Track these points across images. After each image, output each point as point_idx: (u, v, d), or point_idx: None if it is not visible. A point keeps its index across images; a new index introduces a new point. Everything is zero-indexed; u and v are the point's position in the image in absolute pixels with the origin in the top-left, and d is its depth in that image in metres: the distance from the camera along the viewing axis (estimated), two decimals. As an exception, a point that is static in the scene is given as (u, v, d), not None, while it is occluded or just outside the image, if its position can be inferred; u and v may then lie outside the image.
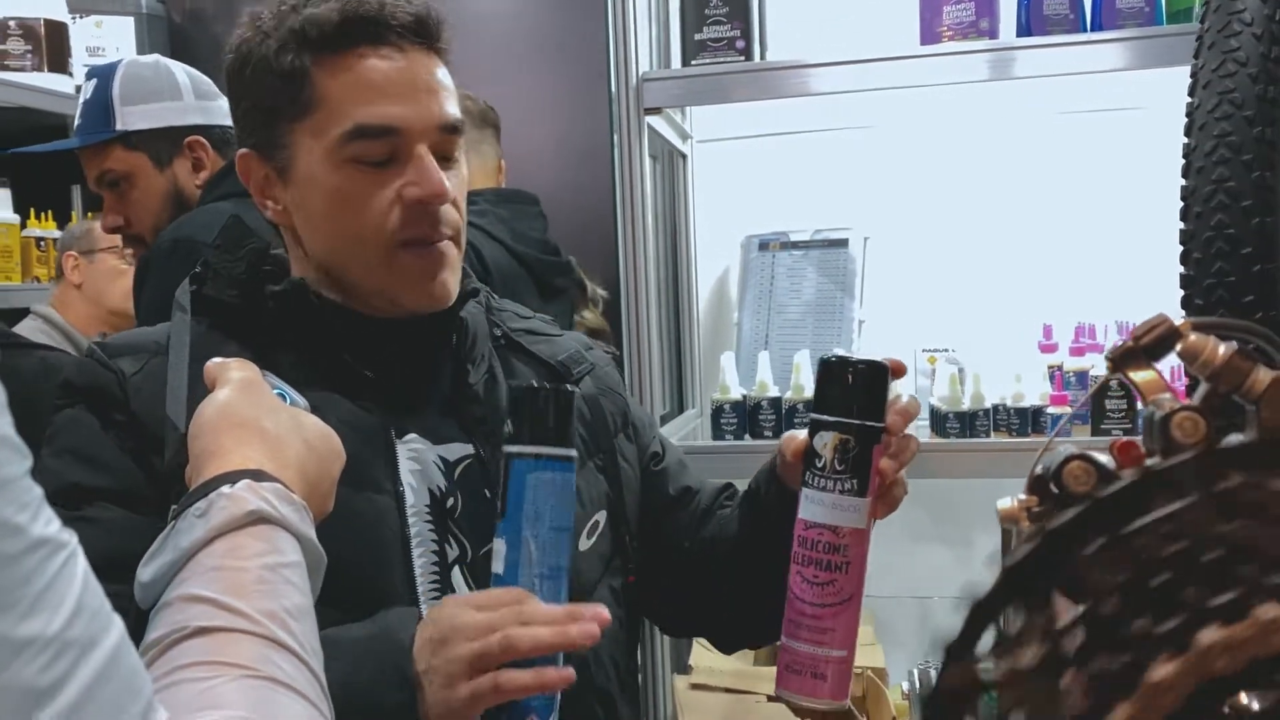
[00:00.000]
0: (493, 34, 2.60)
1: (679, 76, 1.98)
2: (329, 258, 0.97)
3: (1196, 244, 0.95)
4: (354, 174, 0.93)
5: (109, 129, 1.69)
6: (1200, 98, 0.97)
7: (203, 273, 0.99)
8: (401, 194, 0.93)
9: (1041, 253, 2.27)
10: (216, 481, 0.65)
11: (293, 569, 0.63)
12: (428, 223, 0.94)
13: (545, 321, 1.16)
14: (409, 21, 0.94)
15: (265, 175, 0.99)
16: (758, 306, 2.37)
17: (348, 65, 0.93)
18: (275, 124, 0.96)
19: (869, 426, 0.86)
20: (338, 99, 0.93)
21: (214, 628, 0.57)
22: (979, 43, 1.89)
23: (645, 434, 1.16)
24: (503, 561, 0.83)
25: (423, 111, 0.94)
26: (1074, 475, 0.49)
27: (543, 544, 0.83)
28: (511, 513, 0.83)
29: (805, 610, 0.88)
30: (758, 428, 2.01)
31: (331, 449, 0.77)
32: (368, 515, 0.92)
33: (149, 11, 2.76)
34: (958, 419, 1.93)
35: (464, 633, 0.78)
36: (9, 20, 2.44)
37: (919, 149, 2.34)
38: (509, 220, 1.87)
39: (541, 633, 0.77)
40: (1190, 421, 0.48)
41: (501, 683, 0.77)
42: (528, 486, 0.83)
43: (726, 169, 2.47)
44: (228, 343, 0.95)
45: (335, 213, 0.95)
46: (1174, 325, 0.52)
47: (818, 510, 0.87)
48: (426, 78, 0.95)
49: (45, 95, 2.40)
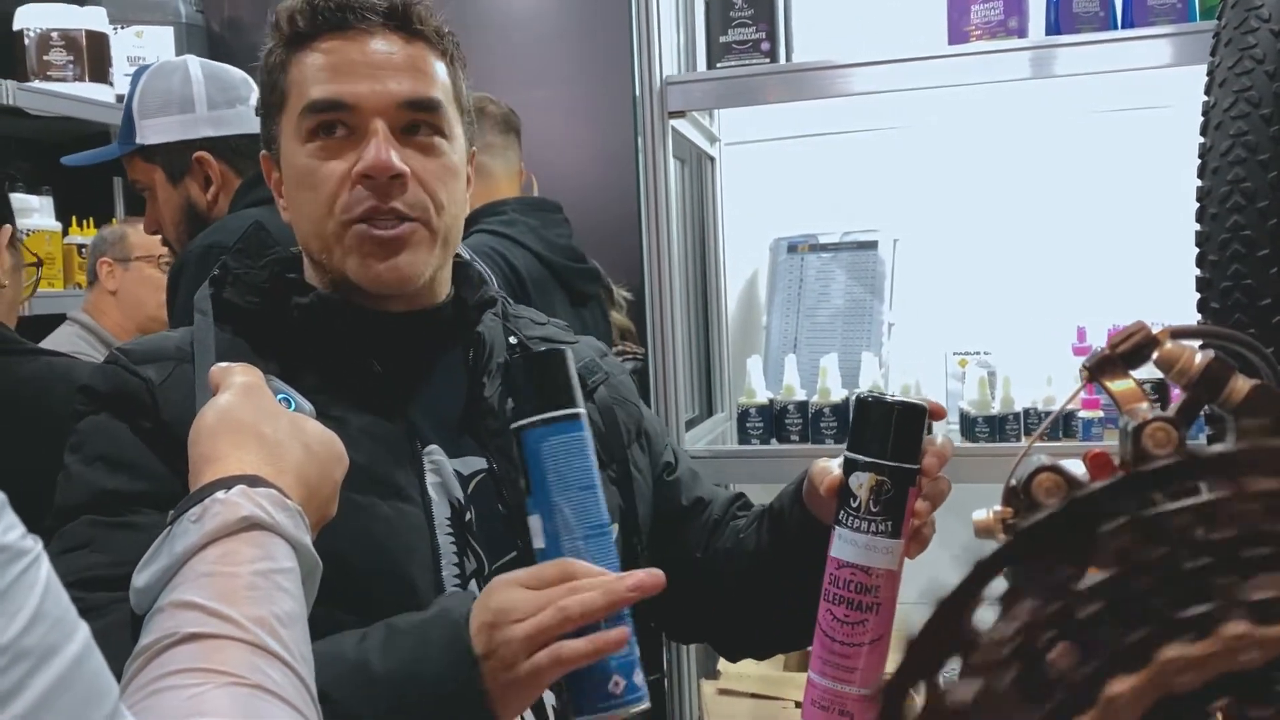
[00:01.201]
0: (518, 39, 2.62)
1: (702, 79, 1.97)
2: (305, 243, 0.99)
3: (1212, 246, 0.93)
4: (313, 151, 0.95)
5: (131, 141, 1.72)
6: (1216, 96, 0.95)
7: (221, 276, 0.99)
8: (353, 170, 0.94)
9: (1074, 253, 2.23)
10: (212, 487, 0.65)
11: (285, 575, 0.63)
12: (376, 197, 0.94)
13: (560, 328, 1.16)
14: (378, 4, 0.96)
15: (275, 175, 1.02)
16: (786, 309, 2.35)
17: (310, 51, 0.96)
18: (269, 120, 1.00)
19: (905, 469, 0.85)
20: (299, 82, 0.96)
21: (203, 634, 0.57)
22: (1008, 42, 1.86)
23: (658, 443, 1.16)
24: (542, 535, 0.83)
25: (378, 87, 0.94)
26: (1043, 487, 0.48)
27: (576, 506, 0.83)
28: (537, 485, 0.83)
29: (834, 648, 0.87)
30: (784, 432, 2.00)
31: (333, 454, 0.76)
32: (398, 524, 0.92)
33: (188, 21, 2.82)
34: (987, 423, 1.91)
35: (514, 612, 0.78)
36: (52, 31, 2.50)
37: (947, 149, 2.31)
38: (538, 229, 1.88)
39: (591, 596, 0.77)
40: (1162, 432, 0.47)
41: (562, 655, 0.76)
42: (545, 455, 0.83)
43: (755, 171, 2.45)
44: (253, 355, 0.95)
45: (299, 192, 0.97)
46: (1151, 333, 0.50)
47: (851, 550, 0.86)
48: (389, 55, 0.95)
49: (87, 105, 2.46)
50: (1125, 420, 0.49)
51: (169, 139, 1.70)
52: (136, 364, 0.94)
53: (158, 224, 1.77)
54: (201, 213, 1.71)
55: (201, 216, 1.71)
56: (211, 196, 1.71)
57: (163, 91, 1.72)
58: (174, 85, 1.72)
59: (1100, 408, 1.85)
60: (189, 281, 1.55)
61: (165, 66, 1.78)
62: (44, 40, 2.49)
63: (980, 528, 0.52)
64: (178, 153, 1.71)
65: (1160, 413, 0.47)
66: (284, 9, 0.98)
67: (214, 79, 1.75)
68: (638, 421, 1.13)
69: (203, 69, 1.75)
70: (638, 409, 1.15)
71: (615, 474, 1.07)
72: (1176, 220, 1.19)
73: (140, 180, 1.76)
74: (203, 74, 1.74)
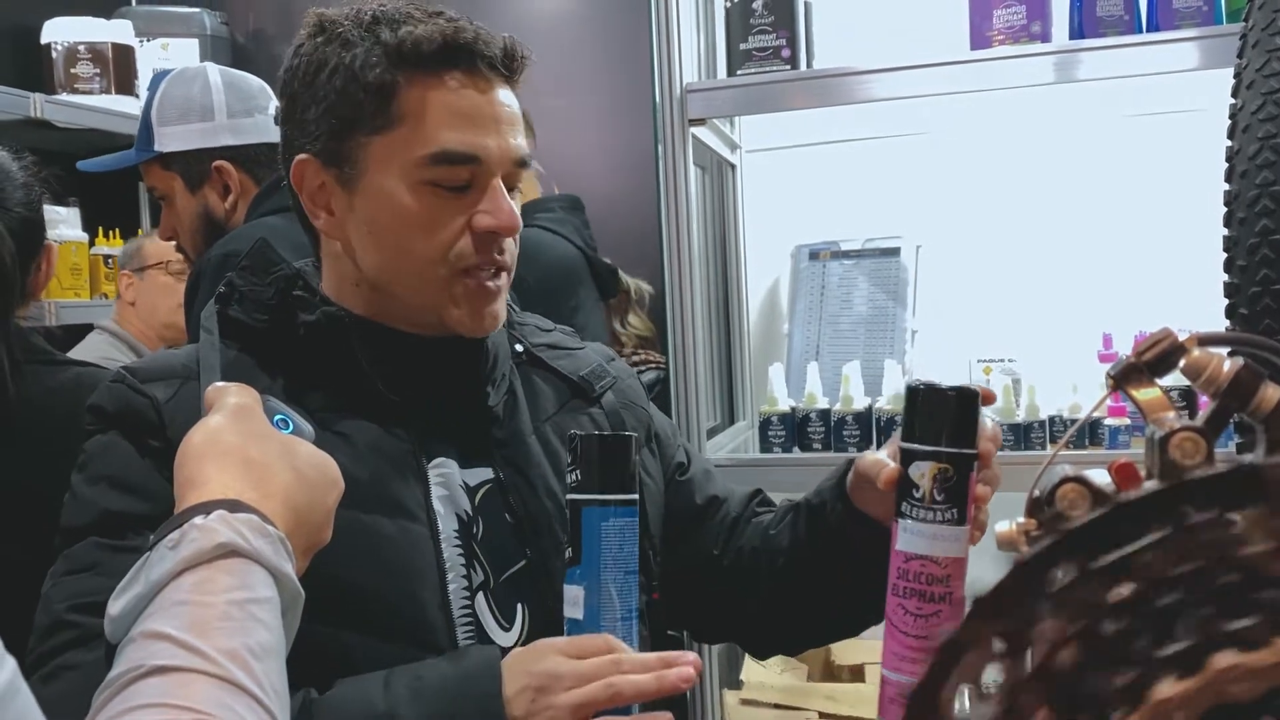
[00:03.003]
0: (538, 47, 2.61)
1: (723, 87, 1.97)
2: (381, 273, 0.97)
3: (1240, 251, 0.91)
4: (430, 196, 0.93)
5: (149, 148, 1.72)
6: (1243, 99, 0.94)
7: (228, 293, 0.99)
8: (472, 222, 0.94)
9: (1100, 259, 2.20)
10: (191, 512, 0.64)
11: (262, 605, 0.61)
12: (495, 251, 0.95)
13: (566, 334, 1.16)
14: (498, 54, 0.95)
15: (322, 184, 0.97)
16: (808, 317, 2.34)
17: (440, 87, 0.93)
18: (349, 134, 0.94)
19: (965, 454, 0.85)
20: (426, 120, 0.92)
21: (171, 667, 0.55)
22: (1031, 46, 1.84)
23: (669, 445, 1.15)
24: (582, 608, 0.86)
25: (503, 143, 0.94)
26: (1067, 499, 0.47)
27: (620, 588, 0.86)
28: (589, 560, 0.86)
29: (909, 643, 0.86)
30: (806, 440, 1.98)
31: (326, 478, 0.75)
32: (402, 544, 0.92)
33: (213, 33, 2.84)
34: (1012, 431, 1.88)
35: (564, 681, 0.80)
36: (79, 45, 2.52)
37: (970, 155, 2.29)
38: (579, 228, 1.95)
39: (644, 680, 0.79)
40: (1190, 442, 0.46)
41: None
42: (603, 534, 0.86)
43: (776, 178, 2.45)
44: (258, 371, 0.95)
45: (403, 230, 0.94)
46: (1178, 340, 0.49)
47: (919, 542, 0.85)
48: (508, 110, 0.96)
49: (113, 117, 2.48)
50: (1152, 430, 0.48)
51: (188, 147, 1.70)
52: (143, 382, 0.93)
53: (173, 231, 1.77)
54: (219, 221, 1.71)
55: (219, 225, 1.70)
56: (230, 205, 1.70)
57: (182, 99, 1.71)
58: (194, 93, 1.71)
59: (1127, 415, 1.83)
60: (207, 290, 1.56)
61: (185, 74, 1.77)
62: (71, 53, 2.51)
63: (1003, 539, 0.51)
64: (197, 161, 1.70)
65: (1188, 422, 0.46)
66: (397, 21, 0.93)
67: (233, 87, 1.74)
68: (646, 425, 1.13)
69: (222, 77, 1.74)
70: (646, 412, 1.15)
71: None
72: (1203, 225, 1.18)
73: (158, 187, 1.75)
74: (222, 82, 1.73)
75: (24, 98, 2.23)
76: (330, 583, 0.82)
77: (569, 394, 1.08)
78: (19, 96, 2.23)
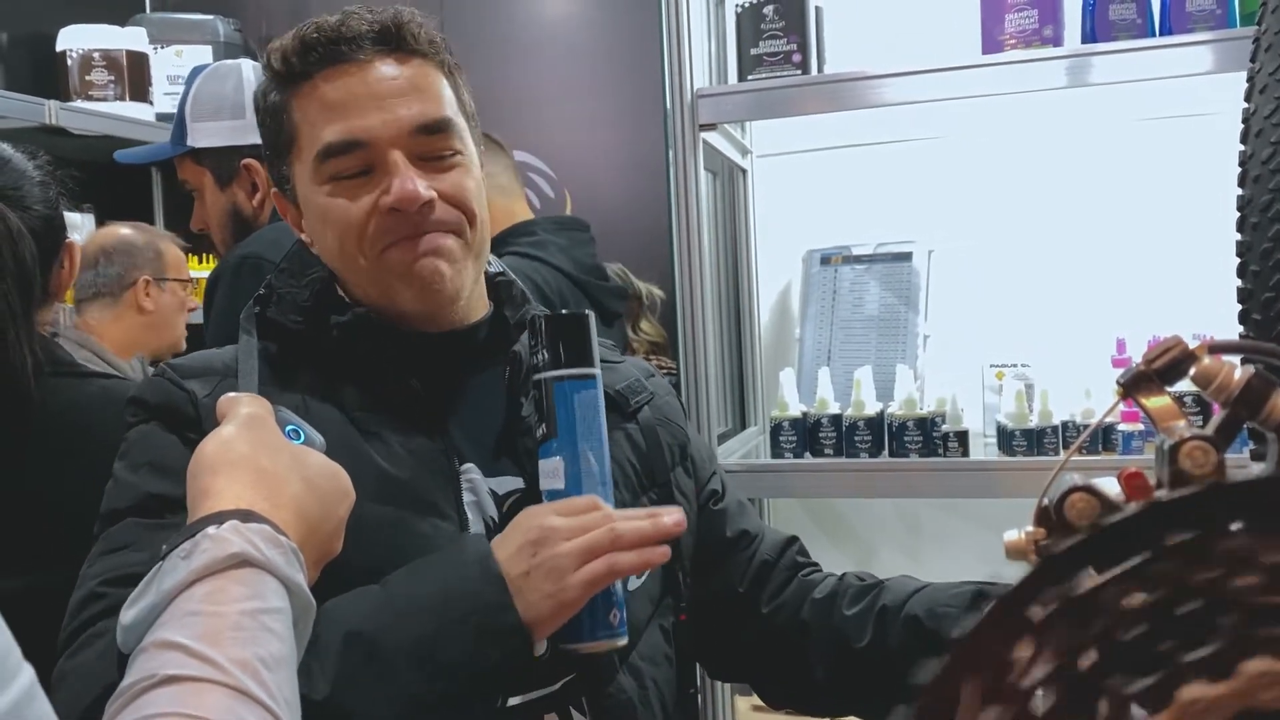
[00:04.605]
0: (549, 52, 2.63)
1: (734, 92, 1.96)
2: (342, 276, 0.99)
3: (1253, 256, 0.90)
4: (335, 190, 0.95)
5: (182, 142, 1.74)
6: (1257, 103, 0.93)
7: (267, 294, 1.00)
8: (378, 203, 0.94)
9: (1113, 264, 2.19)
10: (203, 522, 0.64)
11: (274, 615, 0.62)
12: (408, 227, 0.94)
13: (607, 347, 1.14)
14: (365, 31, 0.94)
15: (289, 211, 1.03)
16: (820, 321, 2.33)
17: (311, 90, 0.95)
18: (277, 162, 1.00)
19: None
20: (308, 124, 0.95)
21: (183, 676, 0.56)
22: (1043, 50, 1.84)
23: (704, 469, 1.13)
24: (563, 478, 0.90)
25: (388, 118, 0.93)
26: (1075, 508, 0.47)
27: (597, 456, 0.91)
28: (565, 431, 0.91)
29: None
30: (818, 445, 1.98)
31: (338, 488, 0.75)
32: (434, 541, 0.91)
33: (226, 40, 2.85)
34: (1024, 436, 1.88)
35: (562, 532, 0.83)
36: (94, 52, 2.54)
37: (982, 159, 2.29)
38: (567, 248, 1.87)
39: (641, 525, 0.84)
40: (1200, 451, 0.45)
41: (618, 564, 0.82)
42: (576, 405, 0.91)
43: (787, 183, 2.44)
44: (296, 372, 0.96)
45: (329, 231, 0.96)
46: (1188, 348, 0.49)
47: None
48: (390, 83, 0.94)
49: (127, 123, 2.50)
50: (1162, 439, 0.47)
51: (219, 144, 1.72)
52: (183, 378, 0.95)
53: (205, 223, 1.79)
54: (247, 218, 1.72)
55: (247, 222, 1.72)
56: (258, 203, 1.72)
57: (215, 96, 1.73)
58: (227, 90, 1.73)
59: (1140, 420, 1.82)
60: (224, 290, 1.57)
61: (220, 69, 1.78)
62: (86, 61, 2.53)
63: (1011, 549, 0.51)
64: (226, 158, 1.72)
65: (1198, 431, 0.45)
66: (274, 48, 0.97)
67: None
68: (683, 444, 1.11)
69: (255, 74, 1.75)
70: (683, 430, 1.13)
71: (657, 497, 1.05)
72: (1217, 229, 1.17)
73: (190, 181, 1.77)
74: (255, 79, 1.72)
75: (39, 105, 2.25)
76: (363, 577, 0.83)
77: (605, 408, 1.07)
78: (34, 103, 2.24)
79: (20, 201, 1.17)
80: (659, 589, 1.03)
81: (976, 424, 2.04)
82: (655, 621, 1.02)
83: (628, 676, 0.96)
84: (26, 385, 1.11)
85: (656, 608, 1.02)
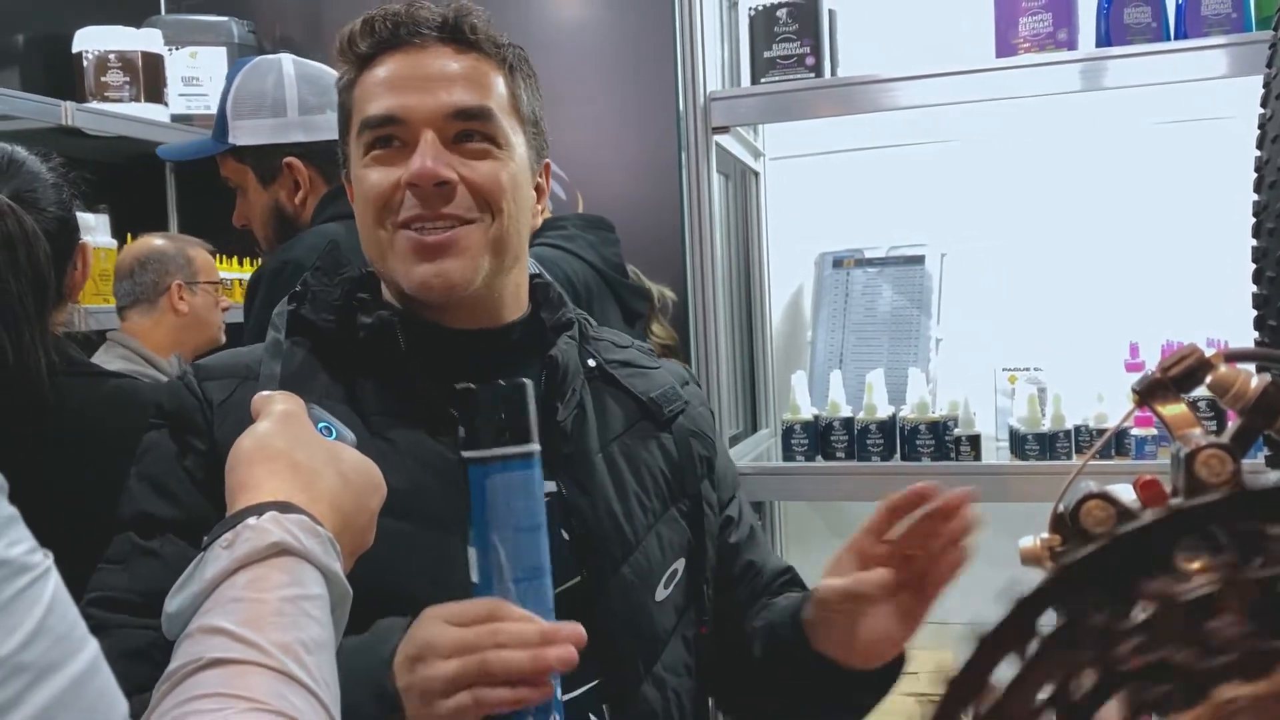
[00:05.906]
0: (562, 54, 2.63)
1: (747, 95, 1.97)
2: (367, 253, 1.00)
3: (1269, 262, 0.90)
4: (370, 162, 0.97)
5: (224, 140, 1.72)
6: (1273, 108, 0.92)
7: (302, 293, 1.01)
8: (403, 180, 0.95)
9: (1126, 268, 2.19)
10: (244, 513, 0.66)
11: (313, 602, 0.63)
12: (424, 205, 0.94)
13: (644, 352, 1.13)
14: (427, 18, 0.97)
15: (350, 190, 1.04)
16: (832, 324, 2.33)
17: (370, 71, 0.98)
18: (343, 141, 1.03)
19: None
20: (362, 101, 0.98)
21: (228, 659, 0.57)
22: (1057, 54, 1.83)
23: (725, 490, 1.12)
24: (477, 570, 0.82)
25: (428, 99, 0.95)
26: (1091, 515, 0.47)
27: (513, 547, 0.81)
28: (477, 520, 0.82)
29: None
30: (829, 448, 1.98)
31: (370, 482, 0.77)
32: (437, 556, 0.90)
33: (240, 42, 2.86)
34: (1037, 441, 1.87)
35: (439, 650, 0.77)
36: (109, 53, 2.55)
37: (995, 163, 2.28)
38: (596, 245, 1.88)
39: (517, 658, 0.76)
40: (1216, 459, 0.45)
41: (484, 700, 0.76)
42: (488, 491, 0.82)
43: (800, 186, 2.44)
44: (319, 372, 0.96)
45: (359, 203, 0.99)
46: (1204, 356, 0.49)
47: None
48: (439, 67, 0.97)
49: (142, 125, 2.51)
50: (1177, 446, 0.47)
51: (260, 142, 1.70)
52: (202, 380, 0.96)
53: (247, 219, 1.78)
54: (290, 217, 1.71)
55: (290, 220, 1.70)
56: (300, 201, 1.70)
57: (256, 94, 1.71)
58: (267, 88, 1.71)
59: (1154, 425, 1.81)
60: (264, 294, 1.56)
61: (260, 65, 1.76)
62: (101, 62, 2.54)
63: (1026, 555, 0.51)
64: (268, 156, 1.70)
65: (1214, 439, 0.45)
66: (345, 32, 0.99)
67: (308, 81, 1.73)
68: (710, 458, 1.10)
69: (296, 69, 1.73)
70: (714, 444, 1.12)
71: (687, 508, 1.05)
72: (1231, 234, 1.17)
73: (232, 178, 1.76)
74: (296, 75, 1.72)
75: (55, 106, 2.26)
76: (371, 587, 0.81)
77: (638, 415, 1.05)
78: (50, 105, 2.25)
79: (35, 203, 1.18)
80: (685, 600, 1.02)
81: (989, 428, 2.04)
82: (679, 632, 1.01)
83: (651, 686, 0.96)
84: (42, 386, 1.12)
85: (680, 619, 1.01)
